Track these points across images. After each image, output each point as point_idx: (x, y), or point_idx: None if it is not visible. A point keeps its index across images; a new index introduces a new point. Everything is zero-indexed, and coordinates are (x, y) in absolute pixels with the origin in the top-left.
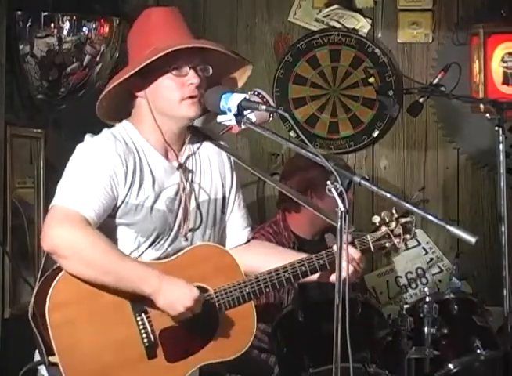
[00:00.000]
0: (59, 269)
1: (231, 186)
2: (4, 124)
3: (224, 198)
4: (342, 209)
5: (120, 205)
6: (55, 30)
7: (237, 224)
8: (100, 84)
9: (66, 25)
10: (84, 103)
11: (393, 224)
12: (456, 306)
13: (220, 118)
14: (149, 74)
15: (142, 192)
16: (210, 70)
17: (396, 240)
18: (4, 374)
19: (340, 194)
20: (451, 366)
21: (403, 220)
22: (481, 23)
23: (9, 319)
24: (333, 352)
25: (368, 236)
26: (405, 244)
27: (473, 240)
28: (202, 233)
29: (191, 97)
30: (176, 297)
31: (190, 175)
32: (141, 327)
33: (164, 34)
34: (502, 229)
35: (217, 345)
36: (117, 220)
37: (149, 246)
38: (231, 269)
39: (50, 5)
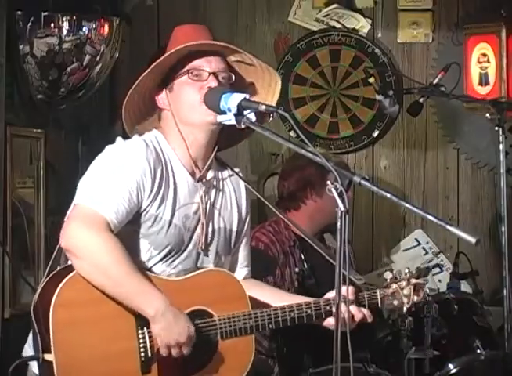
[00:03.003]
0: (71, 267)
1: (245, 222)
2: (4, 124)
3: (238, 232)
4: (342, 209)
5: (141, 213)
6: (55, 30)
7: (239, 260)
8: (100, 85)
9: (66, 25)
10: (85, 103)
11: (404, 283)
12: (456, 306)
13: (220, 118)
14: (170, 83)
15: (163, 204)
16: (233, 77)
17: (405, 300)
18: (4, 374)
19: (340, 194)
20: (451, 366)
21: (414, 281)
22: (472, 24)
23: (9, 319)
24: (333, 352)
25: (378, 291)
26: (411, 308)
27: (473, 240)
28: (214, 259)
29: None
30: (172, 330)
31: (212, 197)
32: (141, 340)
33: (184, 42)
34: (503, 229)
35: (211, 371)
36: (134, 228)
37: (161, 260)
38: (239, 299)
39: (50, 5)
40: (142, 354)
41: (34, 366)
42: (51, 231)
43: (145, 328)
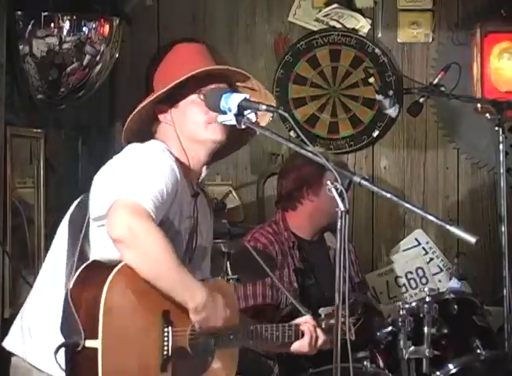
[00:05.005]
0: (103, 261)
1: (212, 240)
2: (4, 124)
3: (207, 249)
4: (342, 209)
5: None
6: (55, 31)
7: (205, 275)
8: (100, 85)
9: (66, 25)
10: (84, 103)
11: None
12: (456, 306)
13: (220, 118)
14: (176, 100)
15: (176, 213)
16: None
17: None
18: (4, 372)
19: (340, 194)
20: (451, 366)
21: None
22: (479, 23)
23: (9, 319)
24: (334, 352)
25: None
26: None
27: (473, 240)
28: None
29: (216, 121)
30: (212, 321)
31: (197, 213)
32: (165, 338)
33: (193, 63)
34: (503, 229)
35: (211, 373)
36: None
37: None
38: (234, 310)
39: (50, 5)
40: (165, 352)
41: (27, 357)
42: (51, 231)
43: (170, 327)
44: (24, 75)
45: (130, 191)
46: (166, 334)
